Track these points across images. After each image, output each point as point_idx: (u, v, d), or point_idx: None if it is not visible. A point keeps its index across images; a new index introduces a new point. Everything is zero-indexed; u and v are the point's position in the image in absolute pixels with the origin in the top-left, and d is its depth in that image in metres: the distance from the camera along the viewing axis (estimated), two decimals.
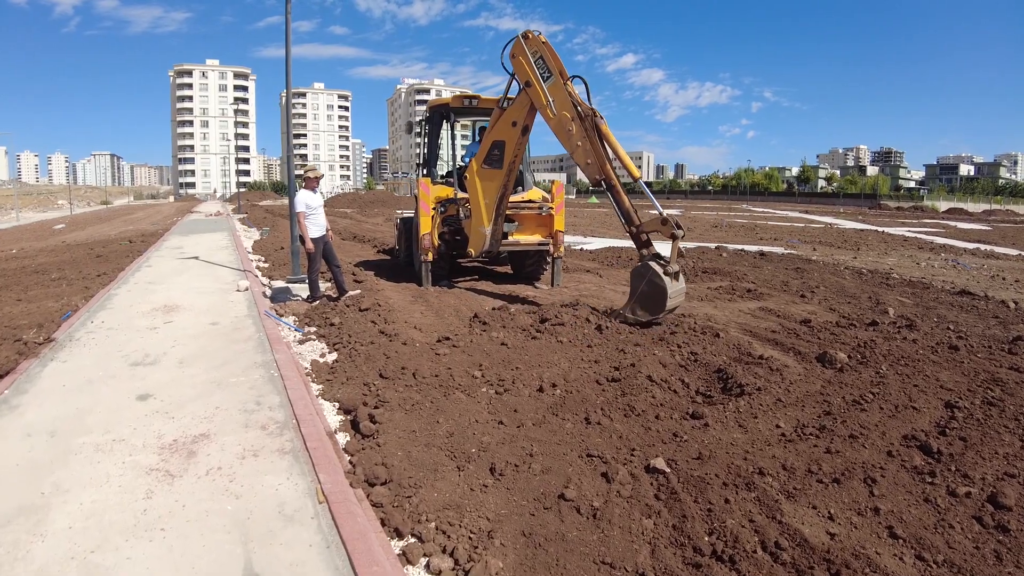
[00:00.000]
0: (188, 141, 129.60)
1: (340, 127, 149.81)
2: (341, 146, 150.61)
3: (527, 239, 10.11)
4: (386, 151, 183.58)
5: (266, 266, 13.24)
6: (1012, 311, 8.91)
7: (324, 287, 9.35)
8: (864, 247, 19.30)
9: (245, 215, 37.08)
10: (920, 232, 27.27)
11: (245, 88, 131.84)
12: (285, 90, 11.43)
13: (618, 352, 6.12)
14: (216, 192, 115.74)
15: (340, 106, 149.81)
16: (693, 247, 17.53)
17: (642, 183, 7.87)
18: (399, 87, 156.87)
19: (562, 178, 74.37)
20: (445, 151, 11.26)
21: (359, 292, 8.87)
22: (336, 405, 4.73)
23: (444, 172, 11.13)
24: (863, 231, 26.86)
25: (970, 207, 60.27)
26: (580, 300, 8.69)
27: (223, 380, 5.06)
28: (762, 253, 16.31)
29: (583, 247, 16.88)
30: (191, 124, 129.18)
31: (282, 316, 7.80)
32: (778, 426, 4.59)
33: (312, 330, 7.18)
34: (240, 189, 54.18)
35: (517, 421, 4.30)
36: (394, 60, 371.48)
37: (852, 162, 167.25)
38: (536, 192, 10.51)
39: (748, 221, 32.86)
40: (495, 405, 4.57)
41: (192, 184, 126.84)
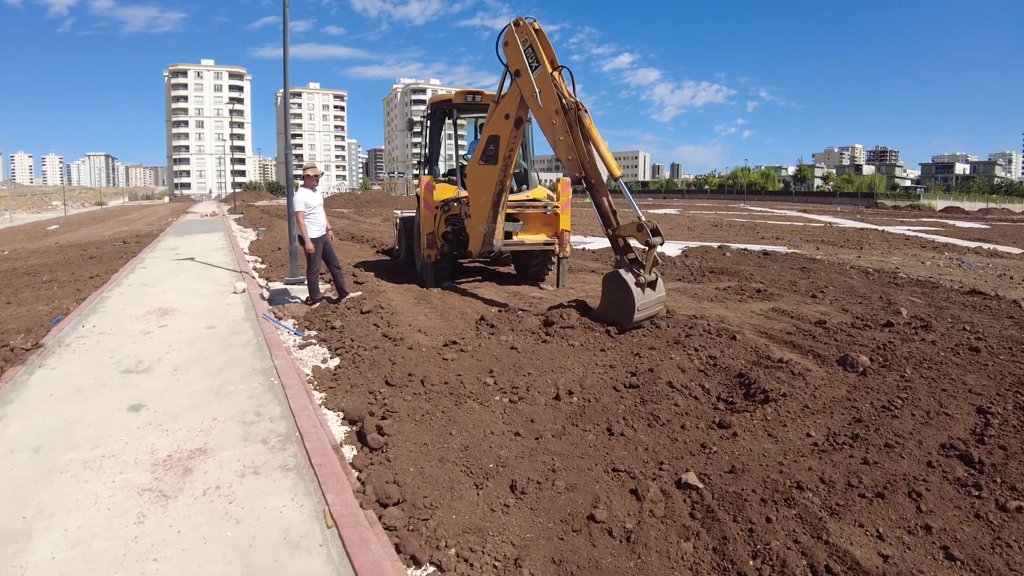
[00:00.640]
0: (183, 142, 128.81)
1: (336, 127, 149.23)
2: (337, 146, 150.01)
3: (532, 239, 9.85)
4: (382, 151, 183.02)
5: (263, 267, 12.94)
6: None
7: (323, 288, 9.07)
8: (867, 246, 19.19)
9: (241, 215, 36.70)
10: (920, 231, 27.20)
11: (240, 88, 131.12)
12: (282, 89, 11.16)
13: (633, 356, 5.88)
14: (211, 193, 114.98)
15: (336, 106, 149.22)
16: (696, 246, 17.38)
17: (622, 183, 7.45)
18: (395, 87, 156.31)
19: (558, 178, 73.86)
20: (447, 148, 10.99)
21: (360, 294, 8.59)
22: (341, 415, 4.46)
23: (446, 170, 10.86)
24: (863, 230, 26.74)
25: (966, 206, 60.45)
26: (588, 302, 8.43)
27: (220, 388, 4.78)
28: (766, 252, 16.16)
29: (585, 247, 16.63)
30: (186, 124, 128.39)
31: (281, 319, 7.52)
32: (809, 435, 4.37)
33: (312, 334, 6.90)
34: (236, 189, 53.67)
35: (535, 432, 4.04)
36: (390, 60, 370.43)
37: (848, 161, 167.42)
38: (541, 191, 10.25)
39: (747, 220, 32.70)
40: (510, 415, 4.31)
41: (187, 185, 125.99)
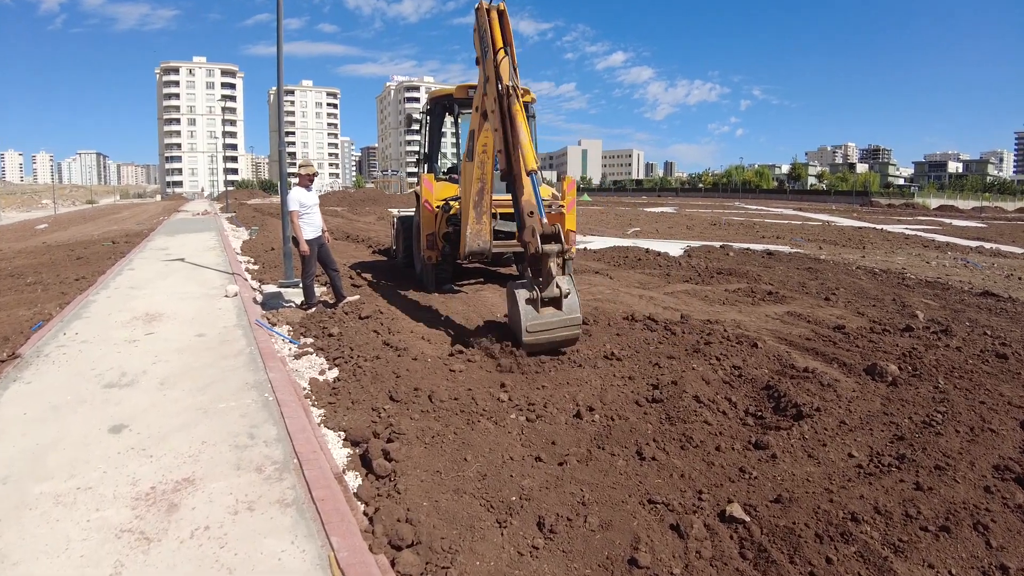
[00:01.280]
0: (175, 139, 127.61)
1: (329, 125, 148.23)
2: (330, 144, 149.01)
3: None
4: (375, 149, 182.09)
5: (256, 268, 12.51)
6: None
7: (319, 292, 8.66)
8: (869, 246, 19.02)
9: (233, 214, 36.16)
10: (918, 230, 27.08)
11: (233, 86, 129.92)
12: (274, 87, 10.75)
13: (652, 366, 5.53)
14: (203, 191, 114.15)
15: (329, 103, 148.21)
16: (698, 246, 17.12)
17: (533, 178, 6.09)
18: (388, 84, 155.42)
19: (552, 176, 73.58)
20: (449, 146, 10.60)
21: (357, 297, 8.20)
22: (342, 435, 4.07)
23: (448, 168, 10.48)
24: (862, 229, 26.58)
25: (960, 204, 60.66)
26: (598, 305, 8.09)
27: (210, 406, 4.38)
28: (769, 252, 15.92)
29: (586, 247, 16.29)
30: (178, 122, 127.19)
31: (275, 326, 7.11)
32: (851, 455, 4.03)
33: (308, 341, 6.51)
34: (228, 187, 53.01)
35: (558, 457, 3.67)
36: (383, 58, 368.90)
37: (840, 159, 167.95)
38: (545, 189, 9.87)
39: (745, 219, 32.47)
40: (529, 436, 3.94)
41: (179, 183, 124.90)
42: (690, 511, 3.20)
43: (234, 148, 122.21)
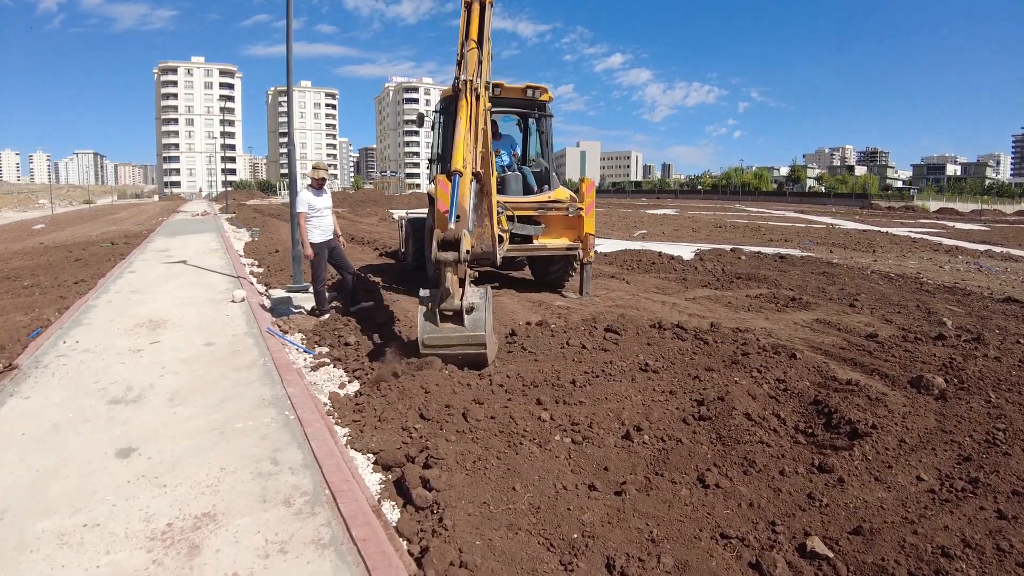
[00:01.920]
0: (173, 140, 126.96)
1: (327, 125, 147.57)
2: (328, 145, 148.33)
3: (554, 243, 9.19)
4: (373, 150, 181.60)
5: (261, 271, 12.16)
6: None
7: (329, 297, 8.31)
8: (879, 249, 18.90)
9: (233, 214, 35.76)
10: (922, 233, 26.98)
11: (231, 86, 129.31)
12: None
13: (692, 379, 5.22)
14: (202, 191, 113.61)
15: (327, 104, 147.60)
16: (708, 249, 16.88)
17: (455, 179, 5.45)
18: (387, 85, 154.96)
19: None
20: None
21: (371, 303, 7.87)
22: (371, 457, 3.74)
23: None
24: (866, 231, 26.45)
25: (960, 207, 60.71)
26: (623, 312, 7.78)
27: (226, 425, 4.04)
28: (781, 256, 15.74)
29: (595, 250, 15.98)
30: (176, 122, 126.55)
31: (287, 333, 6.78)
32: (920, 478, 3.74)
33: (324, 351, 6.17)
34: (227, 188, 52.53)
35: (613, 484, 3.35)
36: (382, 59, 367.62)
37: (838, 162, 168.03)
38: (563, 191, 9.57)
39: (748, 221, 32.25)
40: (577, 460, 3.61)
41: (177, 183, 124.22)
42: (767, 546, 2.88)
43: (232, 148, 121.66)
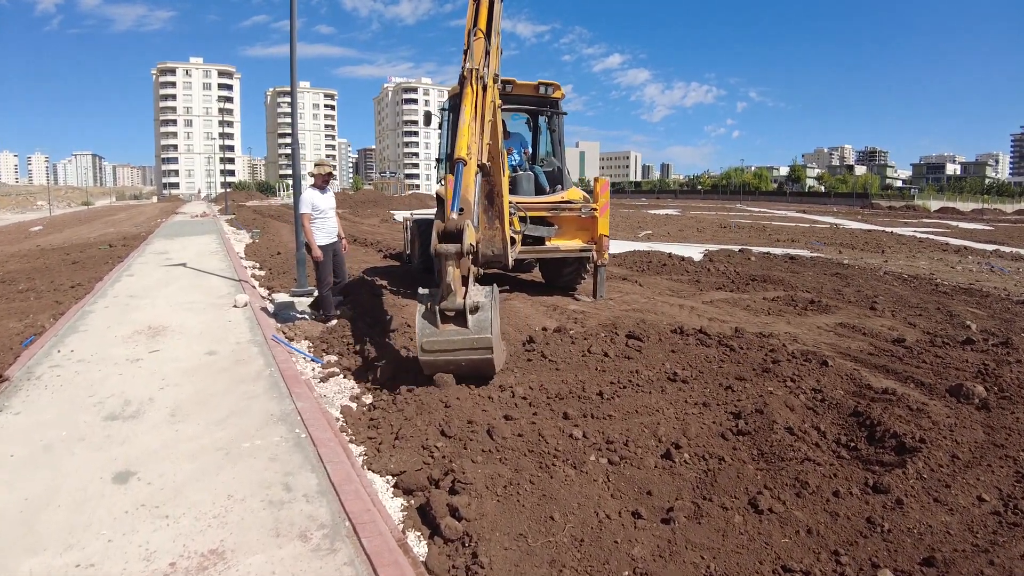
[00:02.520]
0: (171, 141, 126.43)
1: (326, 126, 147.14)
2: (327, 145, 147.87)
3: (567, 244, 8.89)
4: (372, 151, 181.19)
5: (263, 274, 11.84)
6: None
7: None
8: (888, 249, 18.71)
9: (233, 216, 35.41)
10: (927, 232, 26.81)
11: (230, 87, 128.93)
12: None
13: (724, 389, 4.92)
14: (200, 192, 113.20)
15: (326, 105, 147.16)
16: (716, 250, 16.61)
17: (459, 167, 4.95)
18: (386, 86, 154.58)
19: None
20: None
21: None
22: (390, 479, 3.43)
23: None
24: (871, 231, 26.25)
25: (961, 206, 60.69)
26: (642, 317, 7.47)
27: (232, 445, 3.72)
28: (791, 256, 15.49)
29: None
30: (174, 123, 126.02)
31: (292, 341, 6.47)
32: (981, 498, 3.47)
33: (333, 359, 5.86)
34: (227, 189, 52.17)
35: (659, 511, 3.04)
36: (380, 60, 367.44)
37: (837, 161, 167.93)
38: (576, 192, 9.27)
39: (752, 222, 31.99)
40: (617, 483, 3.30)
41: (176, 184, 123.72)
42: None
43: (231, 149, 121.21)
